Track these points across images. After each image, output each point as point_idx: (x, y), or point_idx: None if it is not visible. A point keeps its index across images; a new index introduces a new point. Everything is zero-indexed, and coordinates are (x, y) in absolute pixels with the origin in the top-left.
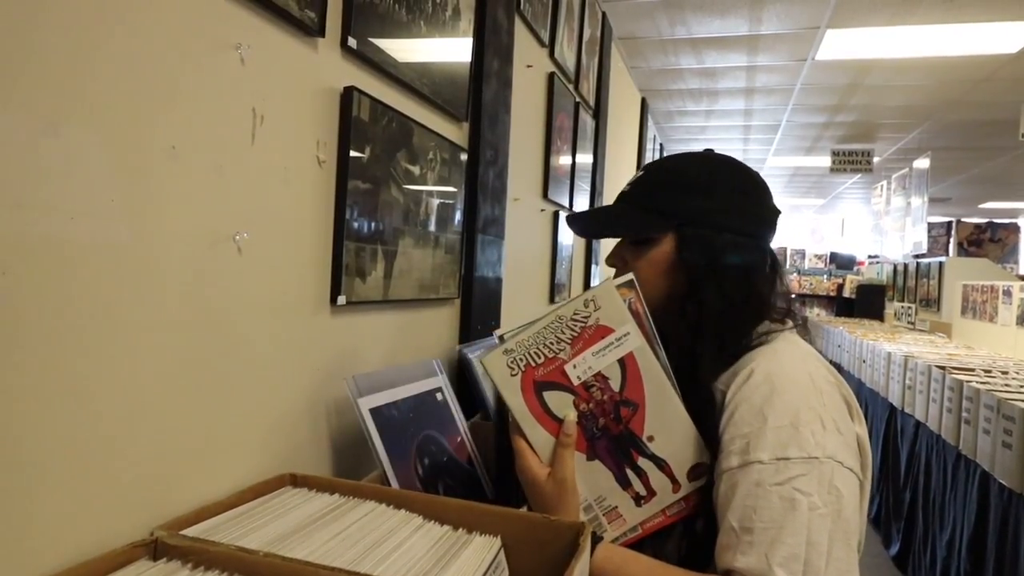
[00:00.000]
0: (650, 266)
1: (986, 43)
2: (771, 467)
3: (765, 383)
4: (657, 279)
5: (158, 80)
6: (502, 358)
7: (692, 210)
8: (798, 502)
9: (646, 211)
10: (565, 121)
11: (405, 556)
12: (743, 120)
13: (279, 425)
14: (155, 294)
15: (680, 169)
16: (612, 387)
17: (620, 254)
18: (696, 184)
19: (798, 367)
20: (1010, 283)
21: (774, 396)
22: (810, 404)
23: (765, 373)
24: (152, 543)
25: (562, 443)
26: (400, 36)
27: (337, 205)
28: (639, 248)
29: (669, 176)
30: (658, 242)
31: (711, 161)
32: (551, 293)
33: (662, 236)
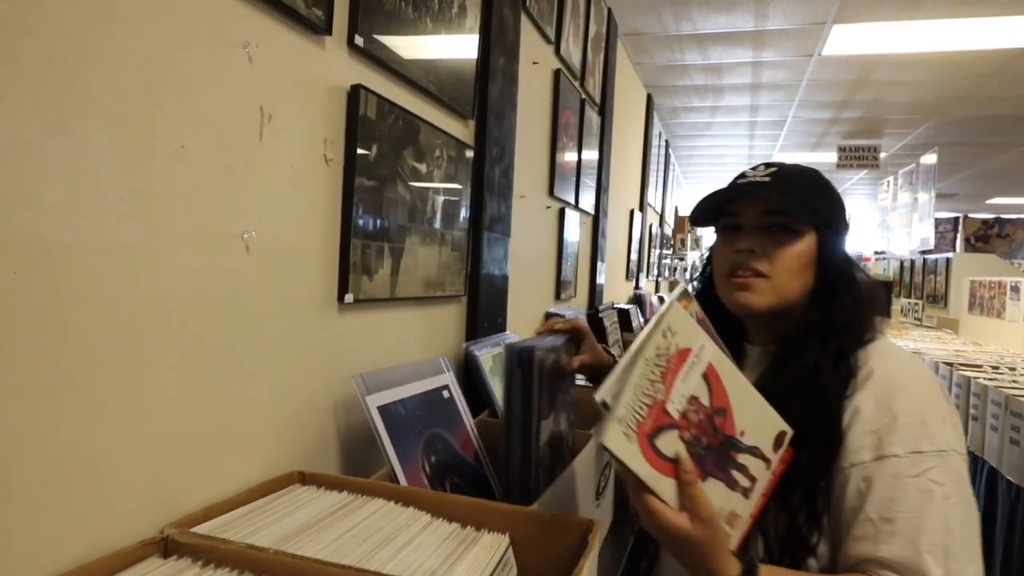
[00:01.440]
0: (796, 258)
1: (994, 38)
2: (906, 460)
3: (889, 382)
4: (799, 272)
5: (166, 79)
6: (618, 430)
7: (831, 213)
8: (934, 492)
9: (798, 202)
10: (571, 118)
11: (414, 554)
12: (749, 116)
13: (287, 423)
14: (164, 293)
15: (817, 176)
16: (704, 403)
17: (759, 240)
18: (831, 191)
19: (913, 367)
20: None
21: (900, 394)
22: (931, 401)
23: (887, 373)
24: (162, 541)
25: (687, 482)
26: (406, 33)
27: (344, 203)
28: (783, 237)
29: (809, 178)
30: (802, 236)
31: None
32: (557, 290)
33: (806, 231)
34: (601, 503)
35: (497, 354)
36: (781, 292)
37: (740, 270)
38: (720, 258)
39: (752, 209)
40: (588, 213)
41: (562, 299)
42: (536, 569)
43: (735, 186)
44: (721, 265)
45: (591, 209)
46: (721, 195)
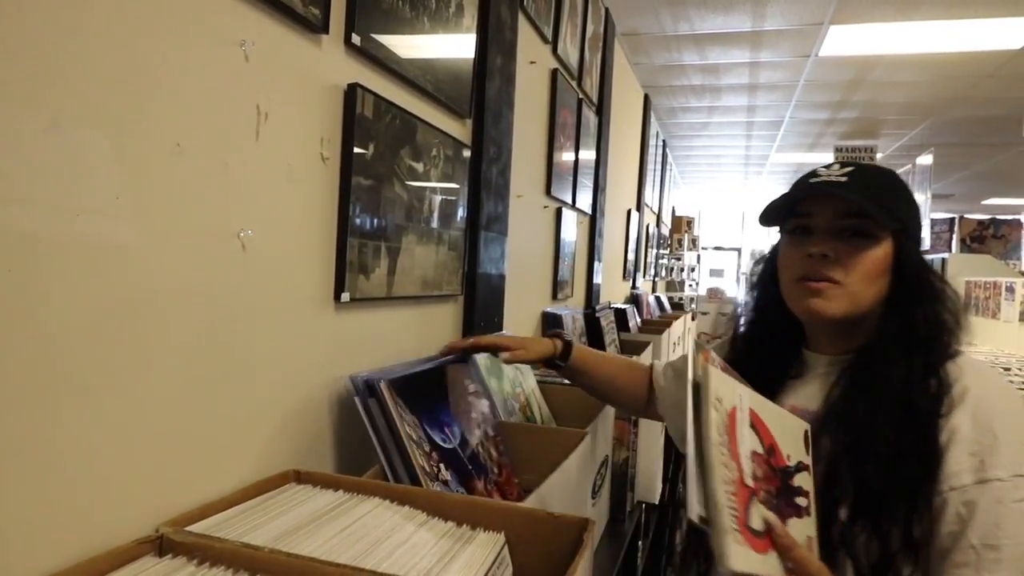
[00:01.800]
0: (873, 264)
1: (990, 39)
2: (1010, 484)
3: (987, 401)
4: (875, 279)
5: (162, 77)
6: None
7: (909, 217)
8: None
9: (880, 205)
10: (568, 117)
11: (409, 552)
12: (746, 116)
13: (283, 422)
14: (160, 292)
15: (895, 178)
16: (760, 452)
17: (833, 244)
18: (908, 193)
19: (1005, 385)
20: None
21: (1000, 415)
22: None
23: (983, 391)
24: (158, 539)
25: (787, 547)
26: (404, 32)
27: (341, 202)
28: (859, 242)
29: (887, 179)
30: (879, 241)
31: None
32: (554, 290)
33: (884, 236)
34: (597, 501)
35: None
36: (856, 300)
37: (813, 276)
38: (788, 261)
39: (826, 211)
40: (585, 213)
41: (559, 299)
42: (532, 567)
43: (809, 185)
44: (790, 269)
45: (588, 209)
46: (793, 195)
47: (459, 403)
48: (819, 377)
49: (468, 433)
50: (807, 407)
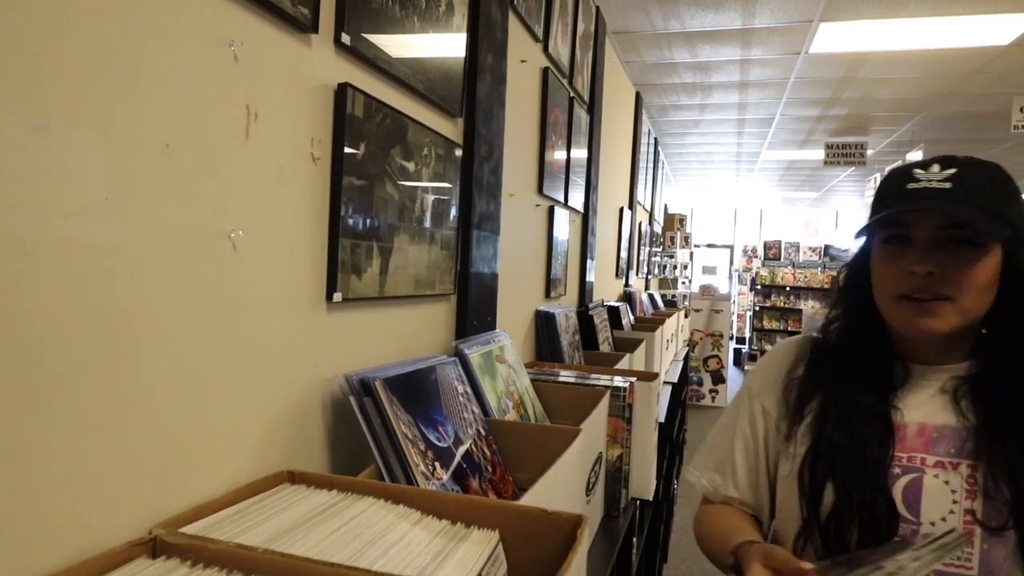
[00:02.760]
0: (986, 276)
1: (978, 36)
2: None
3: None
4: (987, 291)
5: (151, 78)
6: None
7: (1021, 220)
8: None
9: (987, 212)
10: (560, 116)
11: (403, 551)
12: (737, 114)
13: (277, 422)
14: (150, 293)
15: (1004, 175)
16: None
17: (938, 258)
18: (1019, 193)
19: None
20: None
21: None
22: None
23: None
24: (151, 541)
25: None
26: (394, 32)
27: (332, 202)
28: (968, 253)
29: (999, 180)
30: (988, 250)
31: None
32: (547, 288)
33: (993, 244)
34: (591, 499)
35: (487, 352)
36: (967, 315)
37: (918, 294)
38: (887, 276)
39: (929, 221)
40: (577, 211)
41: (552, 297)
42: (526, 564)
43: (909, 193)
44: (889, 284)
45: (580, 207)
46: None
47: (451, 402)
48: (934, 389)
49: (461, 432)
50: (938, 422)
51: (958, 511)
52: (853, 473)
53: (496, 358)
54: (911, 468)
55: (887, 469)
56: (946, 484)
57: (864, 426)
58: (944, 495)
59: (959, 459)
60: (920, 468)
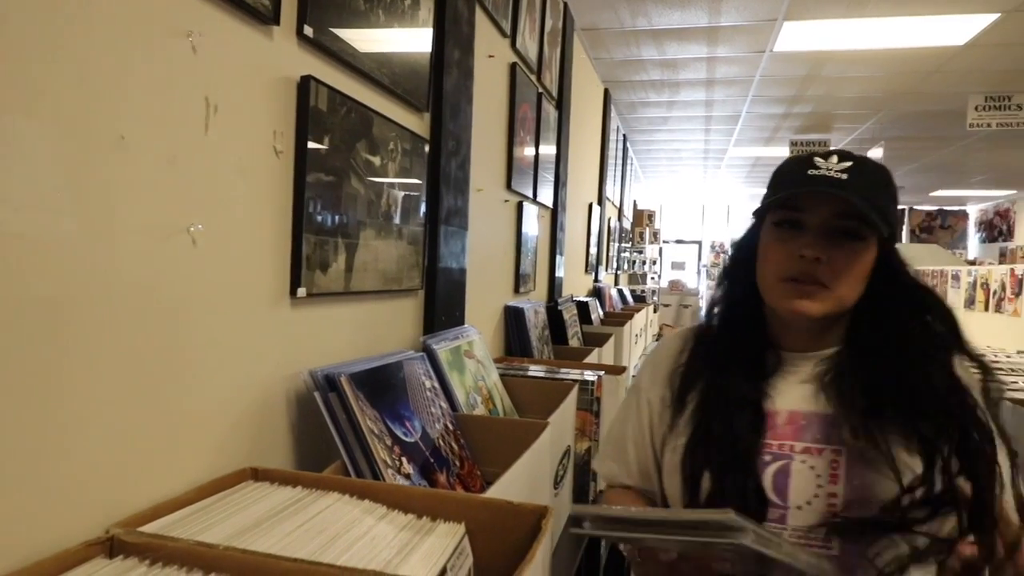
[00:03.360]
0: (862, 269)
1: (935, 36)
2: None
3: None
4: (861, 280)
5: (105, 68)
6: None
7: (895, 219)
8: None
9: (877, 209)
10: (528, 112)
11: (368, 545)
12: (704, 111)
13: (240, 419)
14: (107, 286)
15: (888, 177)
16: None
17: (823, 247)
18: (896, 196)
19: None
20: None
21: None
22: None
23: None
24: (108, 541)
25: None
26: (358, 25)
27: (295, 196)
28: (851, 244)
29: (884, 180)
30: (868, 244)
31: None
32: (516, 284)
33: (872, 238)
34: (560, 492)
35: (455, 347)
36: (841, 302)
37: (802, 278)
38: (775, 257)
39: (823, 209)
40: (546, 207)
41: (521, 292)
42: (492, 556)
43: (808, 179)
44: (776, 265)
45: (549, 203)
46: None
47: (418, 397)
48: (803, 376)
49: (428, 427)
50: (807, 410)
51: (822, 495)
52: (726, 460)
53: (464, 353)
54: (781, 455)
55: (757, 456)
56: (812, 469)
57: (738, 414)
58: (810, 480)
59: (825, 445)
60: (789, 455)
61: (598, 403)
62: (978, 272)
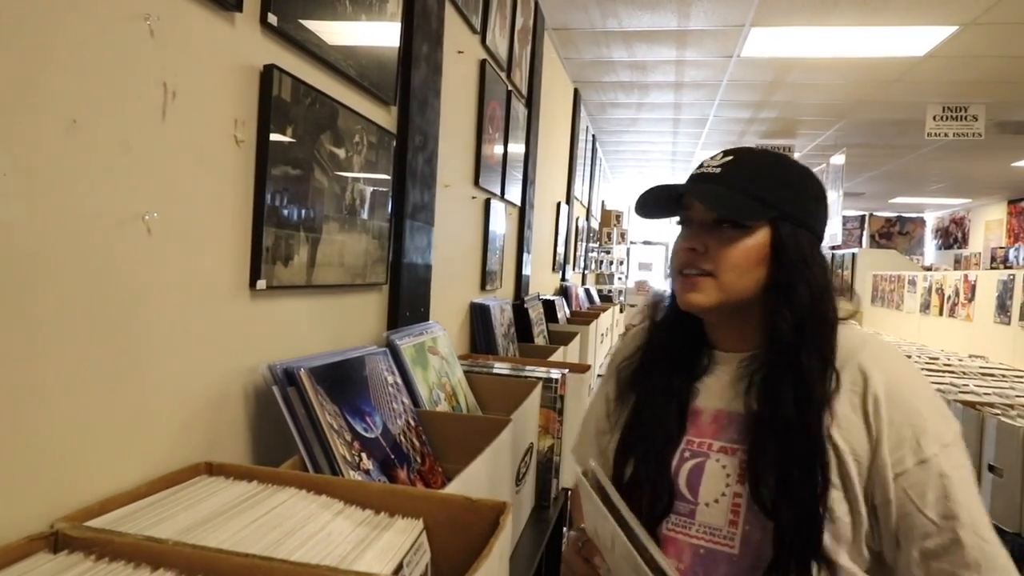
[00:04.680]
0: (744, 255)
1: (896, 46)
2: (943, 456)
3: (900, 384)
4: (750, 270)
5: (56, 50)
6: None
7: (788, 204)
8: (970, 480)
9: (748, 196)
10: (497, 109)
11: (324, 541)
12: (673, 114)
13: (195, 412)
14: (55, 273)
15: (780, 162)
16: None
17: (702, 238)
18: (792, 179)
19: (905, 360)
20: (915, 273)
21: (918, 391)
22: (932, 393)
23: (891, 374)
24: (52, 536)
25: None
26: (324, 15)
27: (256, 186)
28: (727, 233)
29: (769, 167)
30: (752, 231)
31: (797, 163)
32: (482, 281)
33: (759, 225)
34: (521, 488)
35: (419, 343)
36: (727, 290)
37: (686, 268)
38: (674, 254)
39: (700, 204)
40: (514, 204)
41: (488, 290)
42: (451, 552)
43: (692, 178)
44: (673, 261)
45: (517, 201)
46: (677, 188)
47: (380, 393)
48: (729, 376)
49: (390, 423)
50: (730, 409)
51: (728, 493)
52: (648, 452)
53: (428, 349)
54: (699, 452)
55: (674, 451)
56: (723, 468)
57: (664, 410)
58: (720, 478)
59: (739, 445)
60: (706, 453)
61: (562, 401)
62: (933, 278)
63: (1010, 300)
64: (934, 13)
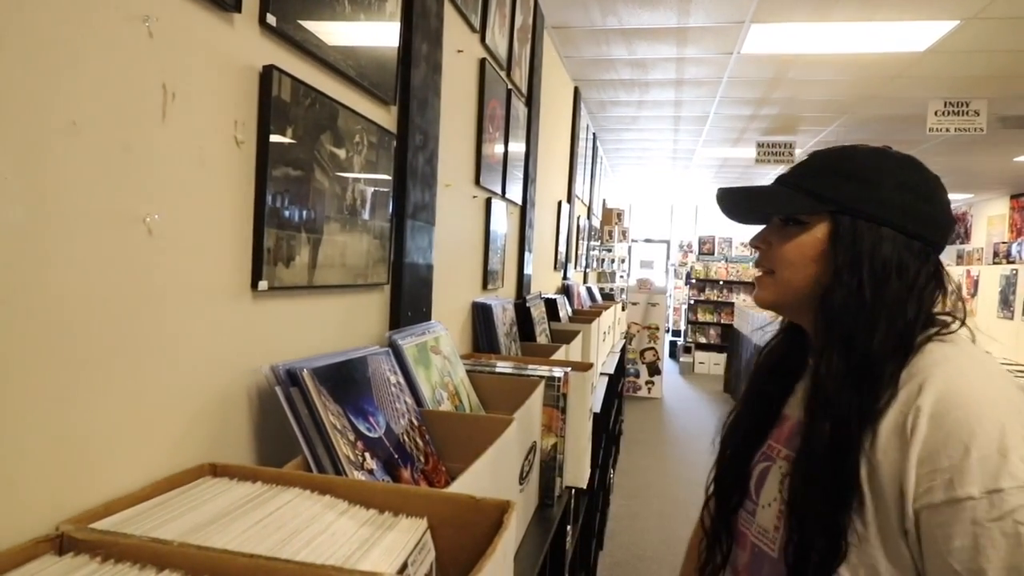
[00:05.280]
0: (797, 250)
1: (898, 42)
2: (985, 502)
3: (956, 404)
4: (804, 266)
5: (55, 51)
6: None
7: (851, 198)
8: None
9: (801, 191)
10: (497, 108)
11: (328, 541)
12: (673, 111)
13: (198, 414)
14: (57, 276)
15: (847, 155)
16: None
17: (766, 236)
18: (860, 172)
19: (989, 382)
20: None
21: (972, 420)
22: (1013, 426)
23: (950, 391)
24: (58, 538)
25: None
26: (323, 15)
27: (257, 187)
28: (789, 230)
29: (832, 161)
30: (810, 227)
31: (883, 154)
32: (484, 280)
33: (816, 221)
34: (525, 487)
35: (421, 343)
36: (783, 286)
37: (756, 266)
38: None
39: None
40: (515, 203)
41: (489, 289)
42: (455, 551)
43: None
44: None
45: (518, 200)
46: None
47: (383, 392)
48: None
49: (393, 422)
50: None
51: (779, 499)
52: (735, 448)
53: (431, 349)
54: (770, 456)
55: (754, 453)
56: (782, 474)
57: (754, 413)
58: (776, 483)
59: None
60: (774, 458)
61: (564, 399)
62: None
63: (1013, 295)
64: (935, 8)
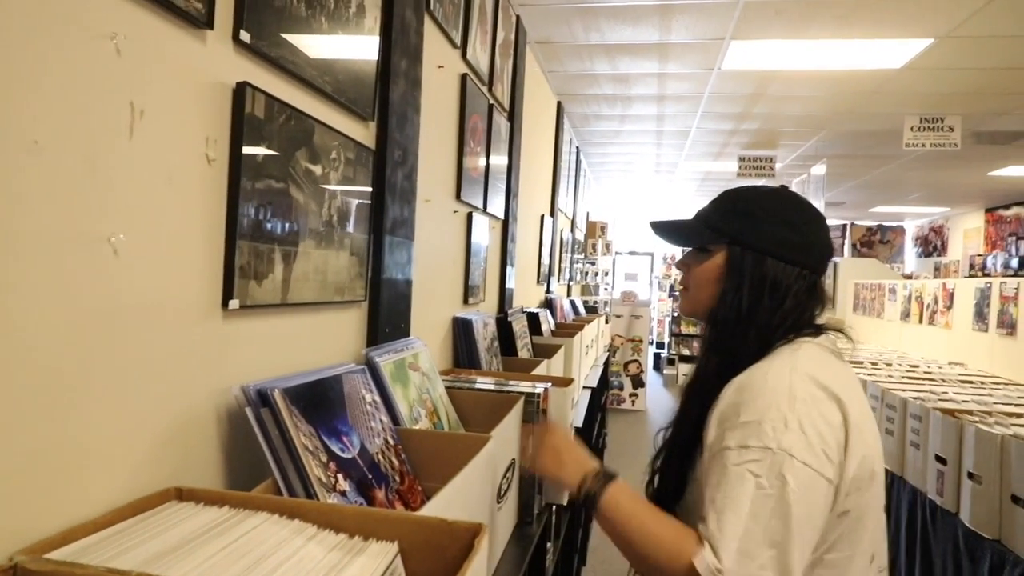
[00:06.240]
0: (703, 273)
1: (874, 59)
2: (735, 452)
3: (747, 386)
4: (708, 285)
5: (16, 69)
6: None
7: (741, 231)
8: (747, 480)
9: (706, 226)
10: (479, 122)
11: (295, 567)
12: (656, 126)
13: (164, 437)
14: (16, 297)
15: (743, 196)
16: None
17: (685, 260)
18: (750, 210)
19: (782, 374)
20: (895, 281)
21: (752, 397)
22: (778, 406)
23: (748, 379)
24: (11, 569)
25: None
26: (299, 32)
27: (229, 205)
28: (701, 256)
29: (731, 201)
30: (712, 254)
31: (773, 194)
32: (465, 295)
33: (717, 249)
34: (503, 506)
35: (399, 360)
36: (694, 301)
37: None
38: None
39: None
40: (497, 218)
41: (470, 303)
42: (426, 574)
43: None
44: None
45: (500, 214)
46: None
47: (357, 412)
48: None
49: (367, 442)
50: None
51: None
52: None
53: (409, 366)
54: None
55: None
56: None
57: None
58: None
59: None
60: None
61: (544, 416)
62: (913, 286)
63: (987, 308)
64: (910, 26)
